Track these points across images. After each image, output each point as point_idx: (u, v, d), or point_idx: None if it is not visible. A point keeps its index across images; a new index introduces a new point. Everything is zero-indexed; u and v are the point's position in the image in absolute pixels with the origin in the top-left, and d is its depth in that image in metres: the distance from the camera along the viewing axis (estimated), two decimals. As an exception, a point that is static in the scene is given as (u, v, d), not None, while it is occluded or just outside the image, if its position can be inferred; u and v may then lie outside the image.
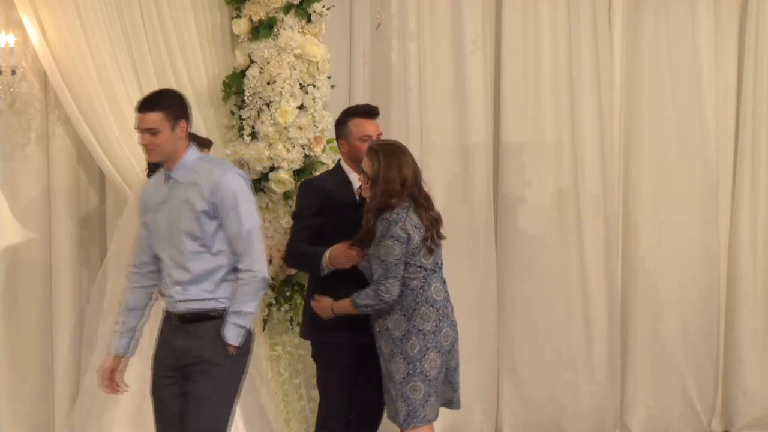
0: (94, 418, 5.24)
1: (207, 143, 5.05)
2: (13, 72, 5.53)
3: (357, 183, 4.93)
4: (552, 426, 6.52)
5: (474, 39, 6.33)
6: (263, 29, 5.62)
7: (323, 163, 5.68)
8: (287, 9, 5.65)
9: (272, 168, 5.64)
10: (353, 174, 4.97)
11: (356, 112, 5.08)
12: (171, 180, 4.34)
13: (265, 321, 5.73)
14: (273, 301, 5.67)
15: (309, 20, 5.70)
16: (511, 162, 6.42)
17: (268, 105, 5.61)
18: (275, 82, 5.59)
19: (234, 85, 5.70)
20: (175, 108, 4.31)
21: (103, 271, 5.52)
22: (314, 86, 5.68)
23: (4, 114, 5.64)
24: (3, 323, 5.70)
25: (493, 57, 6.44)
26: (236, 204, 4.26)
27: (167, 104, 4.29)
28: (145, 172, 5.26)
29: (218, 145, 5.61)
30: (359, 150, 4.94)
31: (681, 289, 6.54)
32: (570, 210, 6.45)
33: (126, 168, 5.57)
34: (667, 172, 6.51)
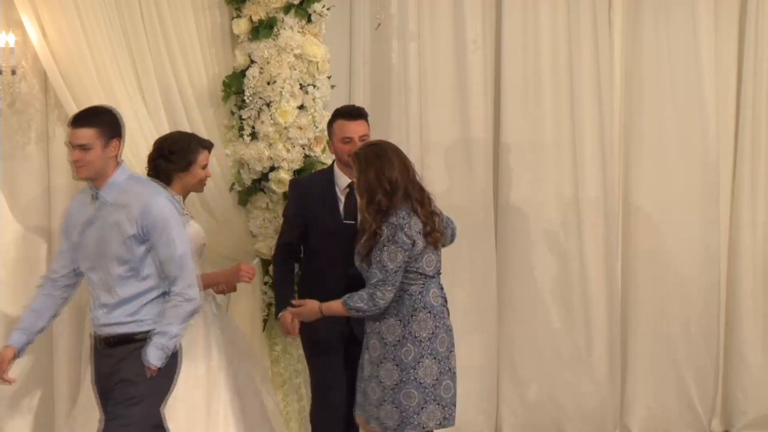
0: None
1: (208, 145, 5.04)
2: (13, 72, 5.53)
3: (343, 184, 5.00)
4: (552, 426, 6.53)
5: (474, 39, 6.33)
6: (263, 29, 5.62)
7: (323, 163, 5.68)
8: (287, 9, 5.65)
9: (272, 168, 5.64)
10: (342, 176, 5.02)
11: (339, 114, 5.13)
12: (98, 200, 4.27)
13: (265, 321, 5.73)
14: (273, 301, 5.66)
15: (309, 20, 5.70)
16: (511, 162, 6.42)
17: (268, 105, 5.61)
18: (275, 82, 5.59)
19: (234, 85, 5.70)
20: (110, 126, 4.25)
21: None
22: (314, 86, 5.68)
23: (4, 114, 5.64)
24: (3, 323, 5.69)
25: (493, 57, 6.44)
26: (167, 228, 4.20)
27: (102, 121, 4.24)
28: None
29: (218, 145, 5.60)
30: (341, 151, 5.03)
31: (681, 289, 6.54)
32: (570, 210, 6.45)
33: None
34: (667, 172, 6.51)
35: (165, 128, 5.56)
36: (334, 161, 5.16)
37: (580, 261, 6.46)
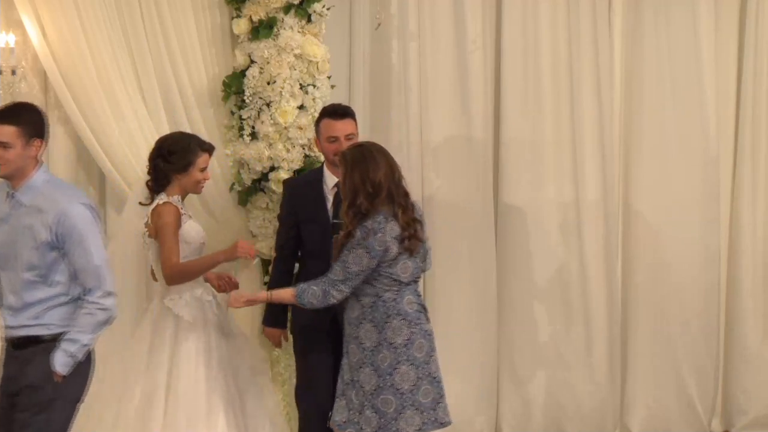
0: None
1: (208, 147, 5.01)
2: (13, 72, 5.53)
3: (331, 183, 5.02)
4: (552, 426, 6.52)
5: (474, 39, 6.33)
6: (263, 29, 5.62)
7: (323, 163, 5.68)
8: (287, 9, 5.64)
9: (272, 168, 5.64)
10: (330, 175, 5.04)
11: (326, 113, 5.14)
12: (13, 199, 4.14)
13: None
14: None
15: (309, 20, 5.70)
16: (511, 162, 6.42)
17: (268, 105, 5.61)
18: (275, 82, 5.59)
19: (234, 85, 5.70)
20: (32, 125, 4.12)
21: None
22: (314, 86, 5.67)
23: (4, 114, 5.64)
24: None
25: (493, 57, 6.43)
26: (84, 237, 4.07)
27: (25, 120, 4.11)
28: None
29: (218, 145, 5.60)
30: (327, 151, 5.05)
31: (681, 289, 6.54)
32: (570, 210, 6.44)
33: (126, 168, 5.57)
34: (667, 172, 6.51)
35: (165, 128, 5.57)
36: (324, 161, 5.18)
37: (580, 261, 6.45)
